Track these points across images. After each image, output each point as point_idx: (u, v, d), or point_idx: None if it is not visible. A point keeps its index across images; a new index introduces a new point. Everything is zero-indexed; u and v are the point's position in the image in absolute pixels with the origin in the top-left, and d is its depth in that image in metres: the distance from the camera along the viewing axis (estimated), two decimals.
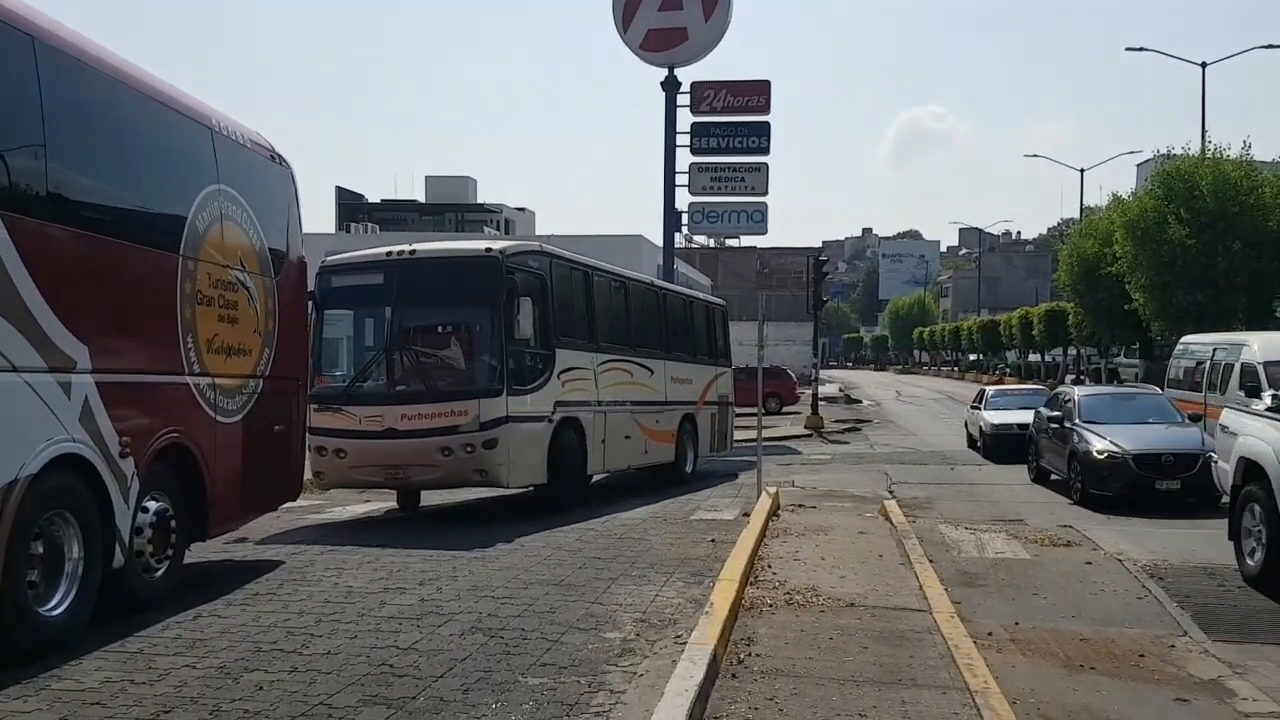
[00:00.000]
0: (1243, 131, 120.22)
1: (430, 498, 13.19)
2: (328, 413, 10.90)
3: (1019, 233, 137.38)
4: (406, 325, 11.46)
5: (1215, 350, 15.73)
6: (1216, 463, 10.16)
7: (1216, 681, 6.30)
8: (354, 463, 11.04)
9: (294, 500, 9.56)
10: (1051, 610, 7.99)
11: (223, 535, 8.38)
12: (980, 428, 21.44)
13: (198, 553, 8.10)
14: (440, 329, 11.68)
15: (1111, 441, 13.96)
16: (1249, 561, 8.67)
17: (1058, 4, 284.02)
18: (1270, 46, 37.05)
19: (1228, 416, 9.84)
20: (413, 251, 11.70)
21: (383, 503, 13.11)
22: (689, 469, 16.41)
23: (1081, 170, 61.62)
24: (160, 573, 7.04)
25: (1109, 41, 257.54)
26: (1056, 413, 15.79)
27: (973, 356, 67.24)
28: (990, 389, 24.61)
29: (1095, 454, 13.94)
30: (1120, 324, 34.63)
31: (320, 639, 6.10)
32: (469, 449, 10.75)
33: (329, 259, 12.08)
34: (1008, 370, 57.49)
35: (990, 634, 7.16)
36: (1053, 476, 16.11)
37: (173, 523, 7.15)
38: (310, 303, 10.56)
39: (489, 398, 10.83)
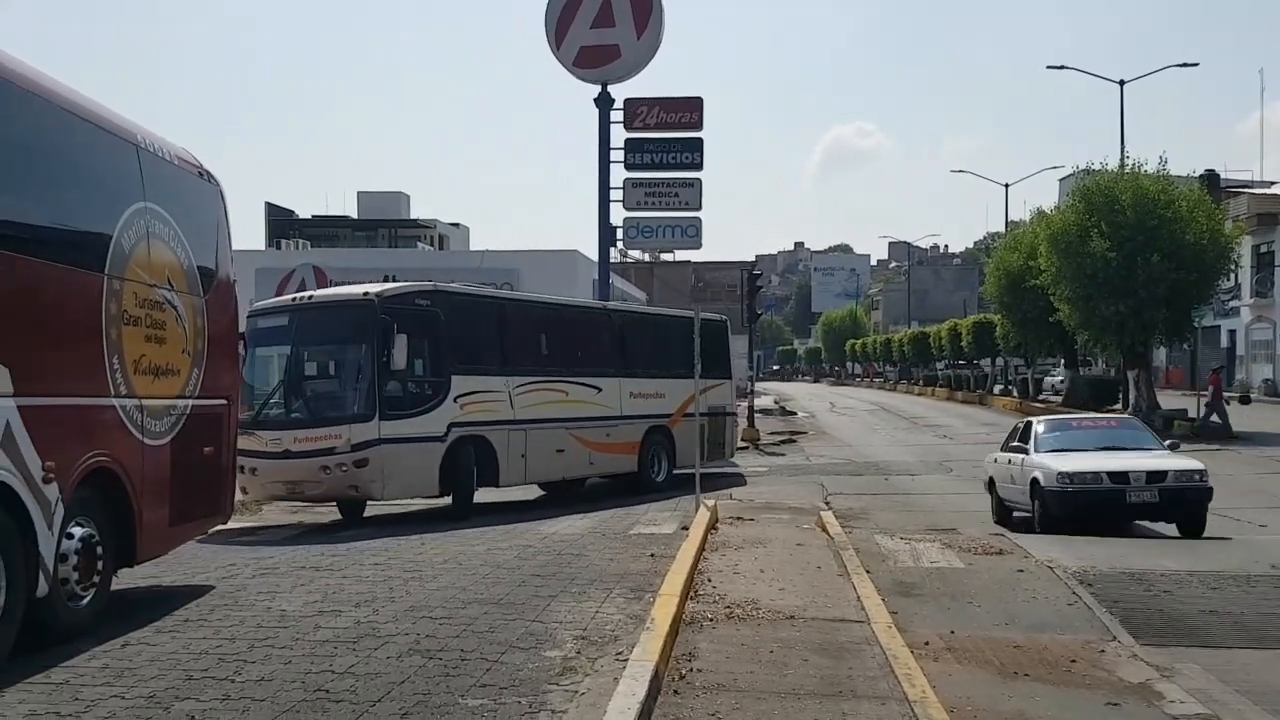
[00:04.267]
0: (1159, 147, 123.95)
1: (375, 507, 14.05)
2: (244, 436, 12.01)
3: (946, 246, 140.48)
4: (301, 360, 13.55)
5: None
6: None
7: (1145, 685, 6.46)
8: (264, 480, 12.91)
9: (225, 523, 9.36)
10: (985, 618, 8.13)
11: (151, 560, 8.16)
12: (1035, 480, 12.93)
13: (126, 579, 7.87)
14: (327, 364, 13.81)
15: None
16: None
17: (977, 25, 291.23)
18: (1184, 65, 38.60)
19: None
20: (310, 297, 14.05)
21: (319, 517, 13.05)
22: (660, 478, 17.34)
23: (1006, 185, 62.91)
24: (86, 600, 6.84)
25: (1029, 59, 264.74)
26: None
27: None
28: (1039, 422, 14.85)
29: None
30: (1046, 335, 35.57)
31: (253, 665, 5.97)
32: (343, 468, 12.48)
33: (257, 304, 14.21)
34: (938, 381, 58.44)
35: (927, 643, 7.26)
36: None
37: (99, 549, 6.95)
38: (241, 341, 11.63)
39: (360, 423, 12.56)
